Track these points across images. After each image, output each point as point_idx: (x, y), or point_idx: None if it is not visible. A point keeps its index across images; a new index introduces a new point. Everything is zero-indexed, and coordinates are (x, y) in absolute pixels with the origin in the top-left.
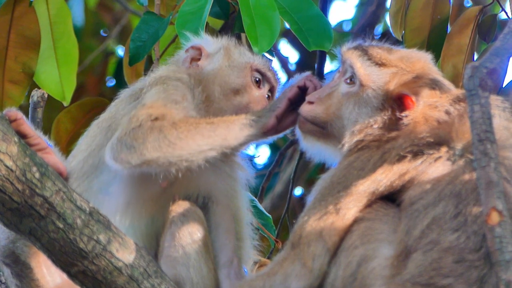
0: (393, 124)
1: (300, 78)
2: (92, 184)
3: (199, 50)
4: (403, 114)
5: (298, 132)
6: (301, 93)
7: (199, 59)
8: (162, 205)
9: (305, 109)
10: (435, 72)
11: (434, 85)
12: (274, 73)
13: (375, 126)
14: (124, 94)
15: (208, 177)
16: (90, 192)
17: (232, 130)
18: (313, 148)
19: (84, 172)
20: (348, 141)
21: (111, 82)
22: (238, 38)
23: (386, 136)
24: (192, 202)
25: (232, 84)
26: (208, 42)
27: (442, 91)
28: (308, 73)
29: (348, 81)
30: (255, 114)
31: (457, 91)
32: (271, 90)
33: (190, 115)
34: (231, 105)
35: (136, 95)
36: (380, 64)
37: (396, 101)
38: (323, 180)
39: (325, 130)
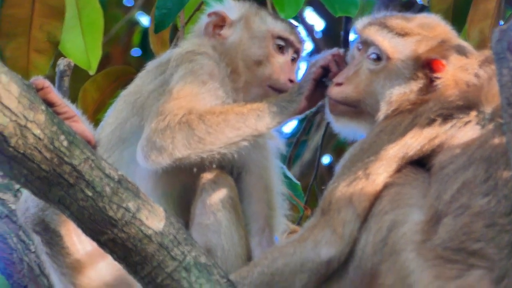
0: (426, 89)
1: (324, 57)
2: (123, 154)
3: (221, 16)
4: (435, 77)
5: (329, 115)
6: (325, 71)
7: (221, 26)
8: (194, 174)
9: (334, 91)
10: (454, 36)
11: (459, 48)
12: (297, 35)
13: (411, 95)
14: (150, 65)
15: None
16: (121, 163)
17: (262, 119)
18: (347, 128)
19: (113, 144)
20: (385, 111)
21: (136, 52)
22: (264, 4)
23: (419, 100)
24: (223, 170)
25: (254, 57)
26: (231, 8)
27: (467, 54)
28: (332, 50)
29: (373, 56)
30: (285, 99)
31: (482, 54)
32: (296, 52)
33: (218, 96)
34: (255, 78)
35: (163, 67)
36: (403, 34)
37: (426, 67)
38: (353, 148)
39: (357, 108)
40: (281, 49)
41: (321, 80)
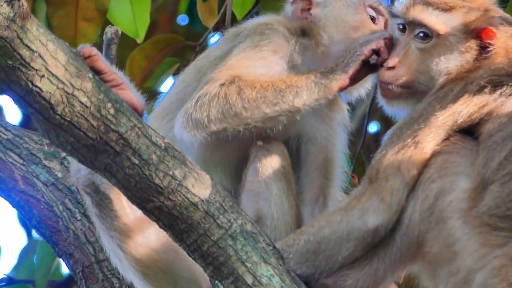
0: (479, 57)
1: (376, 40)
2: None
3: (307, 0)
4: (486, 45)
5: (382, 100)
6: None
7: (308, 9)
8: (247, 142)
9: (388, 75)
10: (495, 6)
11: (504, 17)
12: (384, 7)
13: (466, 65)
14: (228, 33)
15: (307, 118)
16: (172, 132)
17: (300, 96)
18: (402, 110)
19: (175, 107)
20: (441, 82)
21: (183, 20)
22: None
23: (472, 67)
24: (277, 139)
25: (351, 22)
26: None
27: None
28: (384, 33)
29: (421, 35)
30: (326, 76)
31: None
32: (385, 24)
33: (271, 72)
34: (344, 46)
35: (235, 36)
36: (448, 9)
37: (477, 37)
38: (402, 118)
39: (412, 89)
40: (373, 19)
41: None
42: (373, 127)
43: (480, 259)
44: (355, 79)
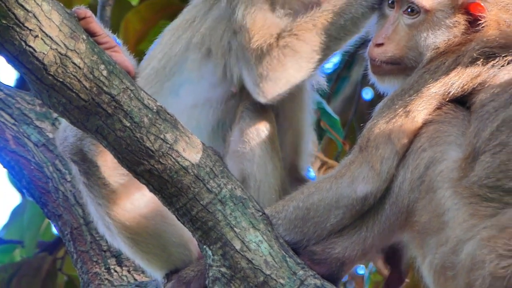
0: (468, 31)
1: None
2: (163, 86)
3: None
4: (476, 19)
5: (373, 76)
6: None
7: None
8: (230, 110)
9: (376, 52)
10: None
11: None
12: None
13: (455, 39)
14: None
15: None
16: (159, 95)
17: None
18: (394, 86)
19: (154, 77)
20: (430, 56)
21: None
22: None
23: (463, 40)
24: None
25: None
26: None
27: None
28: None
29: (409, 11)
30: None
31: None
32: None
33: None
34: None
35: (211, 0)
36: None
37: (465, 11)
38: (393, 90)
39: (401, 65)
40: None
41: None
42: (367, 94)
43: (469, 230)
44: None
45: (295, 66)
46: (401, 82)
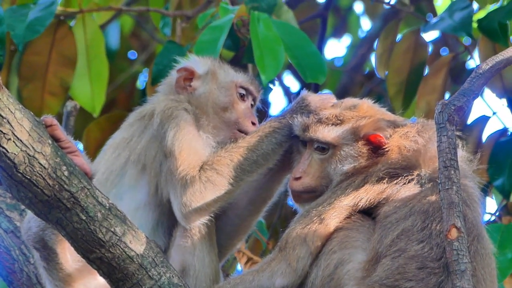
0: (374, 156)
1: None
2: (109, 193)
3: (190, 71)
4: (378, 146)
5: (295, 204)
6: None
7: (190, 79)
8: (166, 212)
9: (295, 184)
10: (379, 109)
11: (388, 119)
12: (256, 85)
13: (361, 164)
14: (131, 118)
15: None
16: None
17: (266, 142)
18: None
19: (100, 186)
20: (339, 179)
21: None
22: (245, 68)
23: (370, 163)
24: None
25: (221, 104)
26: (198, 64)
27: (401, 124)
28: None
29: (320, 149)
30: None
31: (418, 123)
32: (254, 100)
33: (207, 143)
34: (223, 122)
35: (145, 121)
36: (339, 123)
37: (368, 142)
38: (309, 204)
39: (317, 192)
40: (242, 96)
41: None
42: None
43: None
44: None
45: (214, 198)
46: None
